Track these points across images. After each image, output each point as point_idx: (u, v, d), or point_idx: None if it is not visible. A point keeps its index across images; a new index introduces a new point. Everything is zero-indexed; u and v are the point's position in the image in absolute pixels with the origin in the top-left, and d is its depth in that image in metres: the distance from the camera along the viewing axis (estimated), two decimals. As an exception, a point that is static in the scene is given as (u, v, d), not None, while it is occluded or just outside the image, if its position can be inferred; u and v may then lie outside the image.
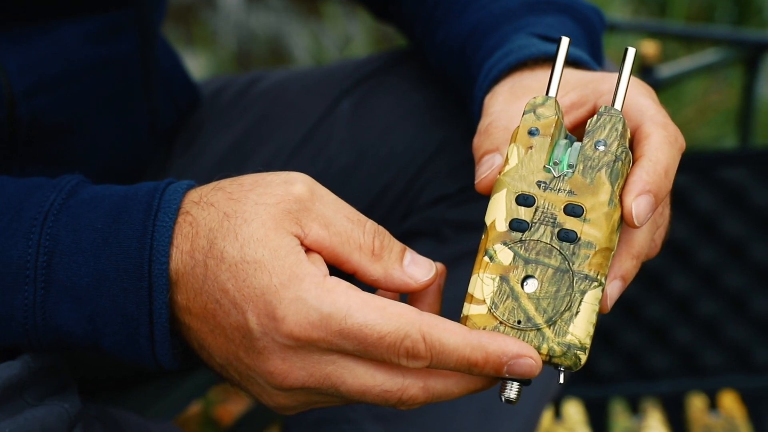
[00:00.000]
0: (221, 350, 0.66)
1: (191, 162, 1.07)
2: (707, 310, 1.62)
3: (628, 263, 0.68)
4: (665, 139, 0.67)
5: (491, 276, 0.65)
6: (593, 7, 0.91)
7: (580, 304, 0.64)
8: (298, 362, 0.64)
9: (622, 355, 1.65)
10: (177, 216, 0.66)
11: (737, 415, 1.78)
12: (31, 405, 0.67)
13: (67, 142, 0.91)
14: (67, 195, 0.69)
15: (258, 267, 0.64)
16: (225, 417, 1.81)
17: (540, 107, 0.67)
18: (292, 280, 0.63)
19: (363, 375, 0.64)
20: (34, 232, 0.68)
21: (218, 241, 0.65)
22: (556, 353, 0.64)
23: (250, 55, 3.14)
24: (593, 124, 0.66)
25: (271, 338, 0.63)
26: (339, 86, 1.05)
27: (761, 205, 1.57)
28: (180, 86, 1.09)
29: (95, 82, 0.91)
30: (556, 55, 0.68)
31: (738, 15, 3.32)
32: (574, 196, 0.65)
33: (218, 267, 0.65)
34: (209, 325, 0.66)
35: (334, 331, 0.63)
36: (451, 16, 0.92)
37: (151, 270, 0.66)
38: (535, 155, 0.66)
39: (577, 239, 0.64)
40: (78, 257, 0.67)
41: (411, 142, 0.99)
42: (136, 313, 0.66)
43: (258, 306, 0.63)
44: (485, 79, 0.81)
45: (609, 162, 0.65)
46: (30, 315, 0.67)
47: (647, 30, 2.15)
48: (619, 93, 0.67)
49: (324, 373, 0.64)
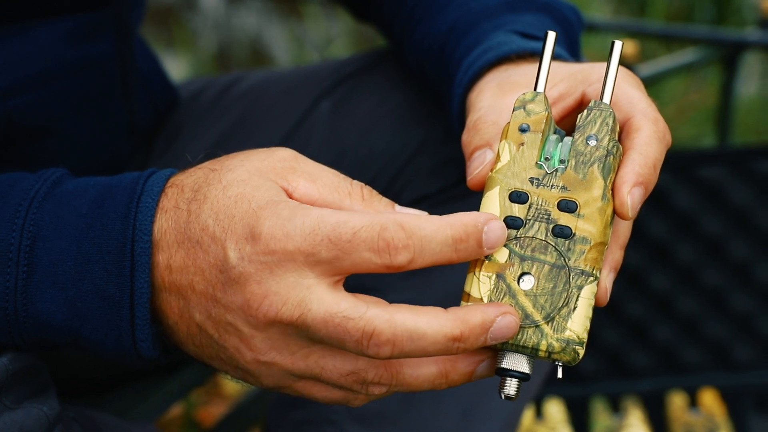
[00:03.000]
0: (199, 300, 0.65)
1: (171, 163, 1.07)
2: (687, 308, 1.63)
3: (618, 254, 0.69)
4: (655, 134, 0.68)
5: (487, 274, 0.65)
6: (571, 6, 0.92)
7: (577, 299, 0.64)
8: (273, 285, 0.62)
9: (602, 354, 1.65)
10: (160, 196, 0.67)
11: (717, 412, 1.79)
12: (10, 408, 0.67)
13: (45, 143, 0.91)
14: (52, 185, 0.70)
15: (238, 199, 0.64)
16: (206, 419, 1.81)
17: (530, 103, 0.67)
18: (270, 204, 0.63)
19: (328, 299, 0.62)
20: (19, 217, 0.68)
21: (202, 188, 0.66)
22: (555, 349, 0.64)
23: (230, 57, 3.14)
24: (584, 118, 0.67)
25: (248, 261, 0.63)
26: (319, 87, 1.05)
27: (740, 204, 1.58)
28: (159, 87, 1.09)
29: (73, 82, 0.91)
30: (543, 50, 0.68)
31: (717, 14, 3.34)
32: (567, 191, 0.65)
33: (200, 208, 0.65)
34: (188, 275, 0.65)
35: (307, 238, 0.62)
36: (429, 15, 0.92)
37: (134, 249, 0.66)
38: (527, 152, 0.66)
39: (572, 235, 0.65)
40: (61, 242, 0.67)
41: (391, 142, 0.99)
42: (117, 295, 0.66)
43: (236, 233, 0.63)
44: (464, 76, 0.81)
45: (601, 157, 0.66)
46: (11, 300, 0.67)
47: (627, 29, 2.16)
48: (607, 87, 0.67)
49: (297, 300, 0.62)
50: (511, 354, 0.65)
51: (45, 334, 0.68)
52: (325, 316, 0.61)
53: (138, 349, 0.67)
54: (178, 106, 1.12)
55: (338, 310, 0.61)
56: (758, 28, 1.84)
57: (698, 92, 2.85)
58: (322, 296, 0.62)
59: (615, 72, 0.68)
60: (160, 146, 1.09)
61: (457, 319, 0.62)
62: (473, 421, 0.99)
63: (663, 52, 2.74)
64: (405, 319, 0.61)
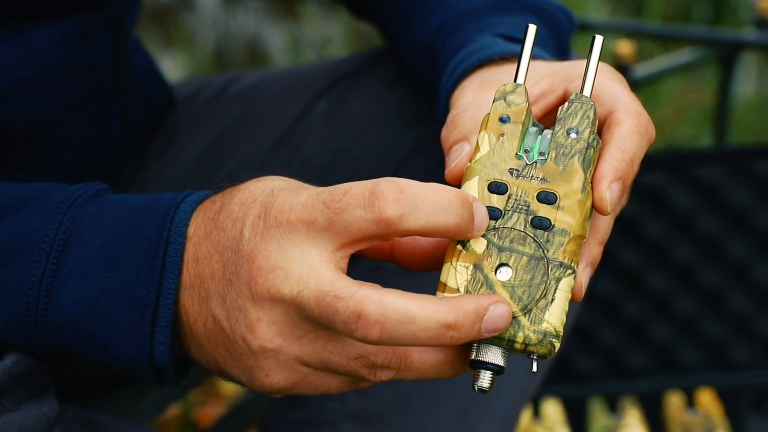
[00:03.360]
0: (217, 288, 0.65)
1: (168, 164, 1.07)
2: (684, 308, 1.63)
3: (595, 250, 0.68)
4: (636, 129, 0.68)
5: (464, 264, 0.64)
6: (561, 6, 0.91)
7: (555, 291, 0.63)
8: (280, 259, 0.62)
9: (600, 354, 1.65)
10: (197, 205, 0.68)
11: (715, 412, 1.79)
12: (9, 409, 0.67)
13: (41, 145, 0.91)
14: (96, 193, 0.71)
15: (265, 187, 0.66)
16: (204, 419, 1.81)
17: (510, 94, 0.67)
18: (288, 186, 0.64)
19: (325, 277, 0.61)
20: (59, 212, 0.69)
21: (238, 186, 0.67)
22: (532, 341, 0.63)
23: (228, 57, 3.14)
24: (564, 111, 0.66)
25: (259, 236, 0.63)
26: (315, 87, 1.05)
27: (737, 204, 1.58)
28: (154, 88, 1.09)
29: (68, 85, 0.91)
30: (524, 43, 0.68)
31: (714, 14, 3.34)
32: (547, 183, 0.65)
33: (231, 199, 0.66)
34: (211, 264, 0.65)
35: (306, 205, 0.62)
36: (420, 15, 0.93)
37: (167, 250, 0.66)
38: (507, 143, 0.66)
39: (552, 226, 0.64)
40: (95, 240, 0.68)
41: (386, 142, 0.99)
42: (144, 294, 0.66)
43: (253, 212, 0.64)
44: (448, 80, 0.81)
45: (581, 149, 0.65)
46: (35, 287, 0.67)
47: (624, 30, 2.16)
48: (587, 80, 0.67)
49: (299, 276, 0.62)
50: (486, 346, 0.63)
51: (58, 333, 0.68)
52: (318, 294, 0.61)
53: (153, 353, 0.67)
54: (175, 107, 1.12)
55: (331, 288, 0.60)
56: (755, 28, 1.84)
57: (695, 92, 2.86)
58: (321, 275, 0.61)
59: (596, 65, 0.67)
60: (157, 147, 1.09)
61: (450, 305, 0.60)
62: (470, 421, 0.99)
63: (660, 52, 2.74)
64: (395, 301, 0.59)
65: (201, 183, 1.05)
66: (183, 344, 0.69)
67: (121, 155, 1.02)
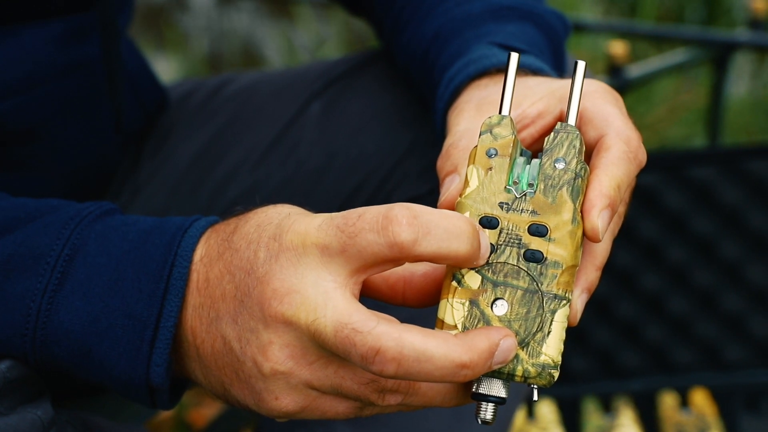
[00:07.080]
0: (228, 308, 0.65)
1: (161, 165, 1.07)
2: (678, 308, 1.63)
3: (592, 275, 0.68)
4: (625, 155, 0.68)
5: (460, 300, 0.64)
6: (556, 12, 0.91)
7: (551, 324, 0.64)
8: (296, 283, 0.62)
9: (593, 354, 1.66)
10: (206, 229, 0.69)
11: (708, 412, 1.79)
12: (4, 414, 0.67)
13: (32, 146, 0.91)
14: (105, 212, 0.71)
15: (281, 211, 0.66)
16: (198, 420, 1.81)
17: (496, 127, 0.67)
18: (308, 214, 0.65)
19: (342, 308, 0.61)
20: (67, 229, 0.69)
21: (253, 211, 0.68)
22: (531, 374, 0.64)
23: (222, 57, 3.13)
24: (551, 141, 0.66)
25: (274, 259, 0.63)
26: (309, 88, 1.05)
27: (730, 204, 1.59)
28: (147, 89, 1.09)
29: (60, 86, 0.91)
30: (507, 73, 0.68)
31: (707, 15, 3.34)
32: (537, 216, 0.65)
33: (247, 222, 0.66)
34: (222, 285, 0.65)
35: (320, 229, 0.62)
36: (416, 19, 0.93)
37: (171, 274, 0.67)
38: (495, 176, 0.66)
39: (544, 259, 0.64)
40: (101, 258, 0.68)
41: (381, 143, 0.99)
42: (145, 315, 0.66)
43: (268, 234, 0.64)
44: (445, 91, 0.81)
45: (569, 180, 0.65)
46: (37, 300, 0.68)
47: (617, 30, 2.16)
48: (572, 109, 0.67)
49: (315, 302, 0.61)
50: (488, 379, 0.64)
51: (55, 348, 0.68)
52: (335, 325, 0.61)
53: (149, 375, 0.67)
54: (168, 108, 1.12)
55: (349, 321, 0.61)
56: (748, 28, 1.85)
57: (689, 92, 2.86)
58: (337, 304, 0.61)
59: (579, 92, 0.67)
60: (150, 148, 1.09)
61: (464, 344, 0.61)
62: (464, 422, 0.99)
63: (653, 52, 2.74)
64: (414, 339, 0.60)
65: (194, 184, 1.05)
66: (185, 367, 0.69)
67: (113, 156, 1.02)
